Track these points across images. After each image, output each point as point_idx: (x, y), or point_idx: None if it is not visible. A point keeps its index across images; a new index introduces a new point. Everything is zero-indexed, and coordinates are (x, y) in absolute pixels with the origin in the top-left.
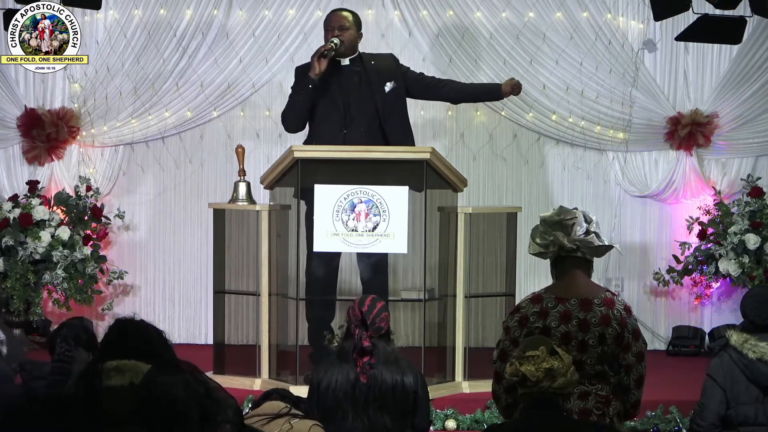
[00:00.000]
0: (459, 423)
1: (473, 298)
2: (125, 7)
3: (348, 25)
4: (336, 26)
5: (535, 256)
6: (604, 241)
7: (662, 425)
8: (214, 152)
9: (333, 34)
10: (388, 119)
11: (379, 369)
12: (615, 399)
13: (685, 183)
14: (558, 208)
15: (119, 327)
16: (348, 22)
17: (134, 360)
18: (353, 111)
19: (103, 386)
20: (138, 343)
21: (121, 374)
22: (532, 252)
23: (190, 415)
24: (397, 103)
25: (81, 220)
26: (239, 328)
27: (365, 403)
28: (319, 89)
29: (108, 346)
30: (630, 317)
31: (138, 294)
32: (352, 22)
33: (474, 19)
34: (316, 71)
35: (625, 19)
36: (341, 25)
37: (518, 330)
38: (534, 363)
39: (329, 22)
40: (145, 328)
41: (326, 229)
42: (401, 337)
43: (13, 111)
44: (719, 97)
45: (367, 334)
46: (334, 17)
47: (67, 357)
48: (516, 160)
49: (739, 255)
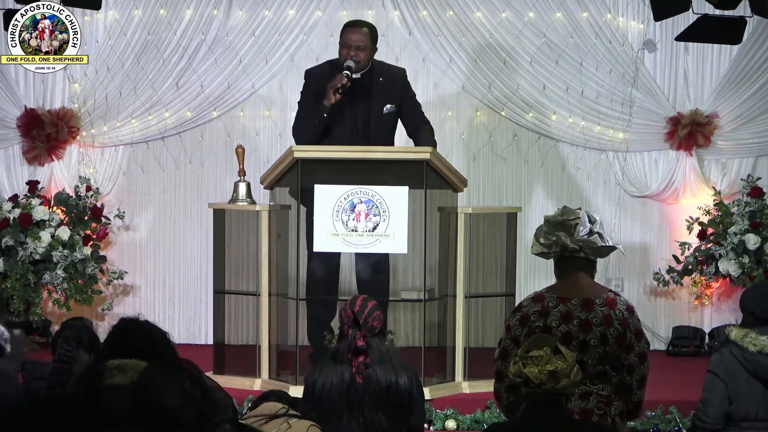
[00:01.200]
0: (459, 423)
1: (473, 298)
2: (125, 7)
3: (364, 46)
4: (353, 46)
5: (538, 256)
6: (607, 242)
7: (662, 425)
8: (214, 152)
9: (349, 52)
10: (376, 137)
11: (374, 369)
12: (617, 399)
13: (685, 183)
14: (561, 209)
15: (123, 327)
16: (365, 43)
17: (137, 359)
18: (359, 128)
19: (104, 385)
20: (142, 343)
21: (123, 373)
22: (535, 252)
23: (187, 417)
24: (389, 124)
25: (81, 220)
26: (239, 328)
27: (361, 404)
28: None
29: (112, 346)
30: (633, 317)
31: (138, 294)
32: (369, 41)
33: (474, 19)
34: (332, 101)
35: (625, 19)
36: (358, 46)
37: (519, 329)
38: (538, 364)
39: (347, 39)
40: (149, 328)
41: (326, 229)
42: (401, 337)
43: (13, 111)
44: (719, 97)
45: (361, 333)
46: (352, 35)
47: (68, 358)
48: (516, 160)
49: (739, 255)
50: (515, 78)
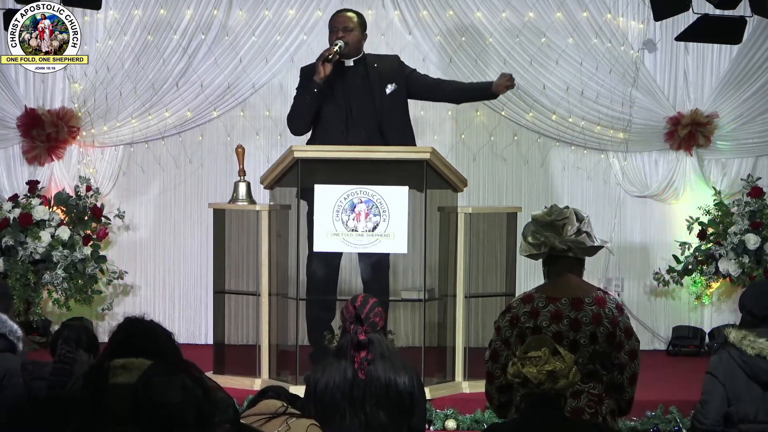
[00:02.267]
0: (459, 423)
1: (473, 298)
2: (125, 7)
3: (352, 26)
4: (340, 27)
5: (527, 257)
6: (596, 241)
7: (662, 425)
8: (214, 152)
9: (337, 35)
10: (386, 121)
11: (375, 365)
12: (608, 397)
13: (685, 183)
14: (549, 208)
15: (128, 326)
16: (353, 23)
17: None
18: (355, 113)
19: (109, 384)
20: (145, 343)
21: (128, 372)
22: (524, 253)
23: (187, 418)
24: (397, 105)
25: (81, 220)
26: (239, 328)
27: (362, 401)
28: (323, 91)
29: (116, 345)
30: (622, 316)
31: (138, 294)
32: (357, 23)
33: (474, 19)
34: (321, 75)
35: (625, 19)
36: (345, 26)
37: (509, 330)
38: (536, 365)
39: (334, 23)
40: (153, 328)
41: (326, 229)
42: (401, 337)
43: (13, 111)
44: (719, 97)
45: (363, 328)
46: (339, 18)
47: (68, 358)
48: (516, 160)
49: (739, 255)
50: (515, 78)
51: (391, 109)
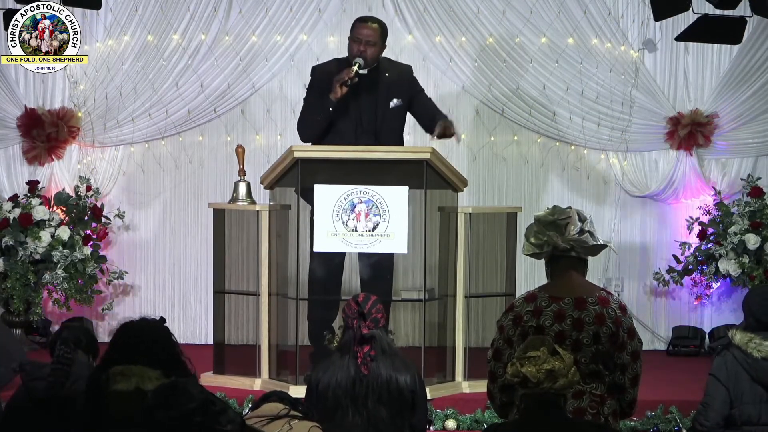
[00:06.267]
0: (459, 423)
1: (473, 298)
2: (125, 8)
3: (374, 42)
4: (364, 40)
5: (529, 256)
6: (598, 240)
7: (662, 425)
8: (214, 152)
9: (359, 47)
10: (382, 134)
11: (377, 362)
12: (610, 398)
13: (685, 183)
14: (552, 208)
15: (128, 329)
16: (375, 39)
17: (141, 364)
18: (365, 124)
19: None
20: (143, 349)
21: (127, 379)
22: (526, 253)
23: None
24: (396, 118)
25: (81, 220)
26: (239, 328)
27: (365, 397)
28: (337, 109)
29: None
30: (625, 316)
31: (138, 294)
32: (379, 37)
33: (474, 18)
34: (338, 95)
35: (625, 19)
36: (368, 41)
37: (512, 329)
38: (535, 364)
39: (357, 33)
40: (151, 333)
41: (326, 229)
42: (401, 337)
43: (13, 111)
44: (719, 97)
45: (366, 323)
46: (363, 30)
47: (66, 359)
48: (516, 160)
49: (739, 255)
50: (515, 78)
51: (391, 120)
